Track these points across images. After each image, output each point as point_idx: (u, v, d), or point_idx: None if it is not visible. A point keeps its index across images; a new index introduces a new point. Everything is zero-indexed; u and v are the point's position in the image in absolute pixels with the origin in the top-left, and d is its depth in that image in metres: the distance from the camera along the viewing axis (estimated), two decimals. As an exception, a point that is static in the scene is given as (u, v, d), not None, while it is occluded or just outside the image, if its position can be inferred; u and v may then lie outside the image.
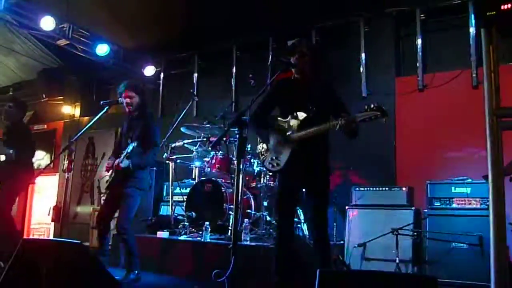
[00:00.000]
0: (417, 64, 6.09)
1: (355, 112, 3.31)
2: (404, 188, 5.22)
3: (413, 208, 5.08)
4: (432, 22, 6.25)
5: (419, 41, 6.12)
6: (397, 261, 4.67)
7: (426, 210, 5.02)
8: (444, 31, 6.20)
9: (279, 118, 3.67)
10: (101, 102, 4.57)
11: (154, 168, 6.26)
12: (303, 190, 3.78)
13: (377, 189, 5.35)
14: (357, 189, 5.45)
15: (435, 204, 4.98)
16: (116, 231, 4.43)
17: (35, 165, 6.18)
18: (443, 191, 4.96)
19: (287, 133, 3.54)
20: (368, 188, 5.40)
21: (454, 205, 4.88)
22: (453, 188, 4.92)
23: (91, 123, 4.50)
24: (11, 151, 5.47)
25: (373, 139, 5.70)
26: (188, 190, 6.01)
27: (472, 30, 5.72)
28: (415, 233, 4.83)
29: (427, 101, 5.97)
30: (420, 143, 5.89)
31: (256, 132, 3.75)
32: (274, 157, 3.58)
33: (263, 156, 3.69)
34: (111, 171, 4.49)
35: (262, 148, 3.75)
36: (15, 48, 9.32)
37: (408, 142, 5.99)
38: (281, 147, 3.56)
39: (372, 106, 3.22)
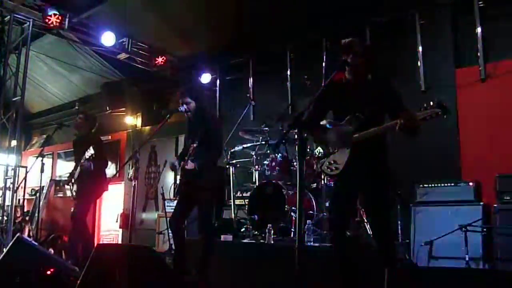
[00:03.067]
0: (478, 54, 5.87)
1: (415, 108, 3.18)
2: (470, 183, 5.06)
3: (481, 203, 4.91)
4: (492, 9, 5.99)
5: (478, 30, 5.89)
6: (467, 259, 4.51)
7: (496, 205, 4.83)
8: (507, 17, 5.91)
9: (333, 121, 3.63)
10: (162, 111, 4.71)
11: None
12: (363, 192, 3.72)
13: (442, 185, 5.20)
14: (421, 186, 5.32)
15: (506, 198, 4.79)
16: (199, 234, 4.55)
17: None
18: (514, 184, 4.76)
19: (344, 136, 3.47)
20: (433, 185, 5.26)
21: (526, 199, 4.67)
22: (524, 180, 4.72)
23: (153, 134, 4.67)
24: (89, 163, 5.81)
25: (435, 134, 5.53)
26: (249, 193, 6.09)
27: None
28: (485, 229, 4.66)
29: (490, 91, 5.73)
30: (486, 136, 5.63)
31: (310, 135, 3.73)
32: (332, 161, 3.53)
33: (321, 160, 3.64)
34: (178, 176, 4.64)
35: (319, 152, 3.71)
36: (78, 64, 9.83)
37: (473, 135, 5.77)
38: (338, 151, 3.51)
39: (431, 103, 3.07)
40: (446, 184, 5.21)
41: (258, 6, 7.07)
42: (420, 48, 6.33)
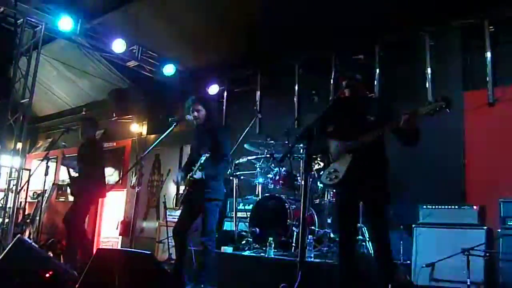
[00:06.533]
0: (487, 78, 5.86)
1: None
2: (475, 207, 5.01)
3: (485, 227, 4.85)
4: (502, 33, 6.00)
5: (488, 54, 5.89)
6: (468, 283, 4.46)
7: (499, 230, 4.78)
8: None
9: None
10: (170, 119, 4.72)
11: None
12: (363, 202, 3.74)
13: (446, 207, 5.16)
14: (424, 207, 5.28)
15: (509, 223, 4.74)
16: (201, 245, 4.51)
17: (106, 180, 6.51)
18: (518, 210, 4.72)
19: (346, 144, 3.51)
20: (436, 206, 5.21)
21: (530, 225, 4.62)
22: (528, 206, 4.68)
23: (159, 140, 4.67)
24: (79, 167, 5.87)
25: (440, 156, 5.53)
26: (251, 206, 6.07)
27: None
28: (488, 254, 4.61)
29: (498, 115, 5.71)
30: (492, 160, 5.58)
31: (315, 145, 3.74)
32: (332, 170, 3.54)
33: (320, 172, 3.65)
34: (184, 185, 4.61)
35: (318, 165, 3.72)
36: (87, 70, 9.88)
37: (479, 159, 5.73)
38: (339, 159, 3.53)
39: (437, 98, 3.14)
40: (450, 207, 5.15)
41: (270, 21, 7.10)
42: (429, 70, 6.33)
